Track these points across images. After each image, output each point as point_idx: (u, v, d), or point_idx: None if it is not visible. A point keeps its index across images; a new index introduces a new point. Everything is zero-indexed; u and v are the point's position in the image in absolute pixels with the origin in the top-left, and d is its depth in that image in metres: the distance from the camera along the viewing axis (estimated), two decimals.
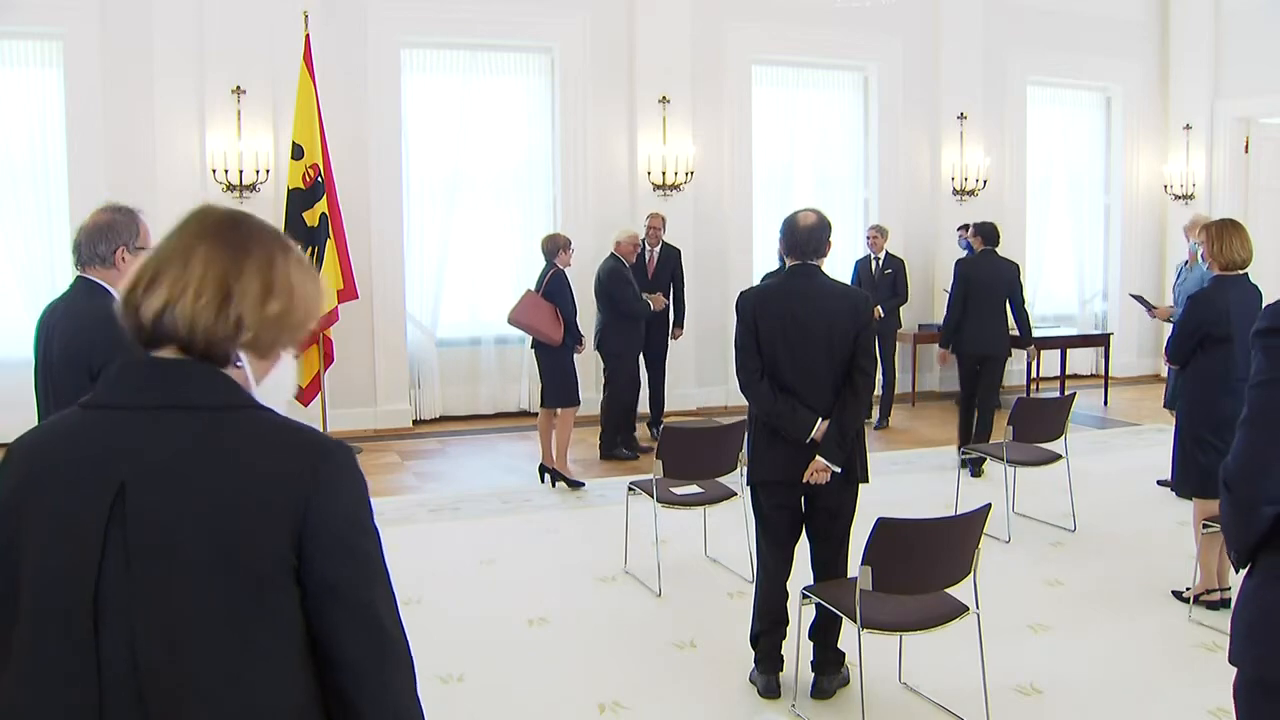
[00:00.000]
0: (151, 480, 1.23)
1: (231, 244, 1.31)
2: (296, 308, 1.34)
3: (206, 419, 1.26)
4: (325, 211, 7.66)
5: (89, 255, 2.94)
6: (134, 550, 1.22)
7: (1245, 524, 1.90)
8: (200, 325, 1.27)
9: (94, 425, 1.30)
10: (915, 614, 3.43)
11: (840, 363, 3.63)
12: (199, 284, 1.28)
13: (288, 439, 1.28)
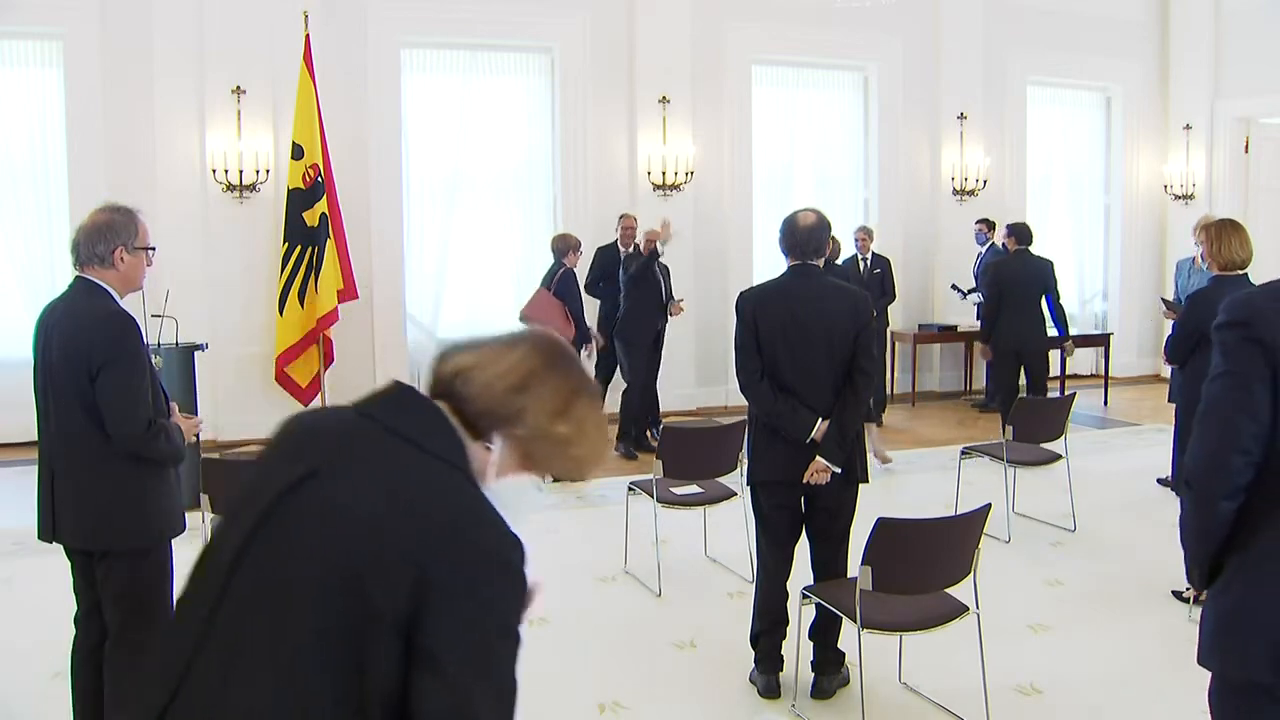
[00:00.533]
0: (332, 482, 1.30)
1: (552, 358, 1.42)
2: (580, 446, 1.42)
3: (417, 457, 1.32)
4: (325, 211, 7.66)
5: (88, 255, 2.94)
6: (273, 537, 1.30)
7: (1205, 520, 1.93)
8: (485, 395, 1.38)
9: (339, 419, 1.40)
10: (915, 614, 3.43)
11: (840, 362, 3.63)
12: (508, 367, 1.39)
13: (473, 513, 1.31)
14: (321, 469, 1.32)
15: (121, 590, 2.96)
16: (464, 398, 1.38)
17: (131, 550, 2.97)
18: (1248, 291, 2.02)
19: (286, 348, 7.73)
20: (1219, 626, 1.94)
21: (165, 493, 3.04)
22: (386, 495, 1.28)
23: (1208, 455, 1.93)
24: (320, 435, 1.39)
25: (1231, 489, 1.90)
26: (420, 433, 1.34)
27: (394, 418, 1.36)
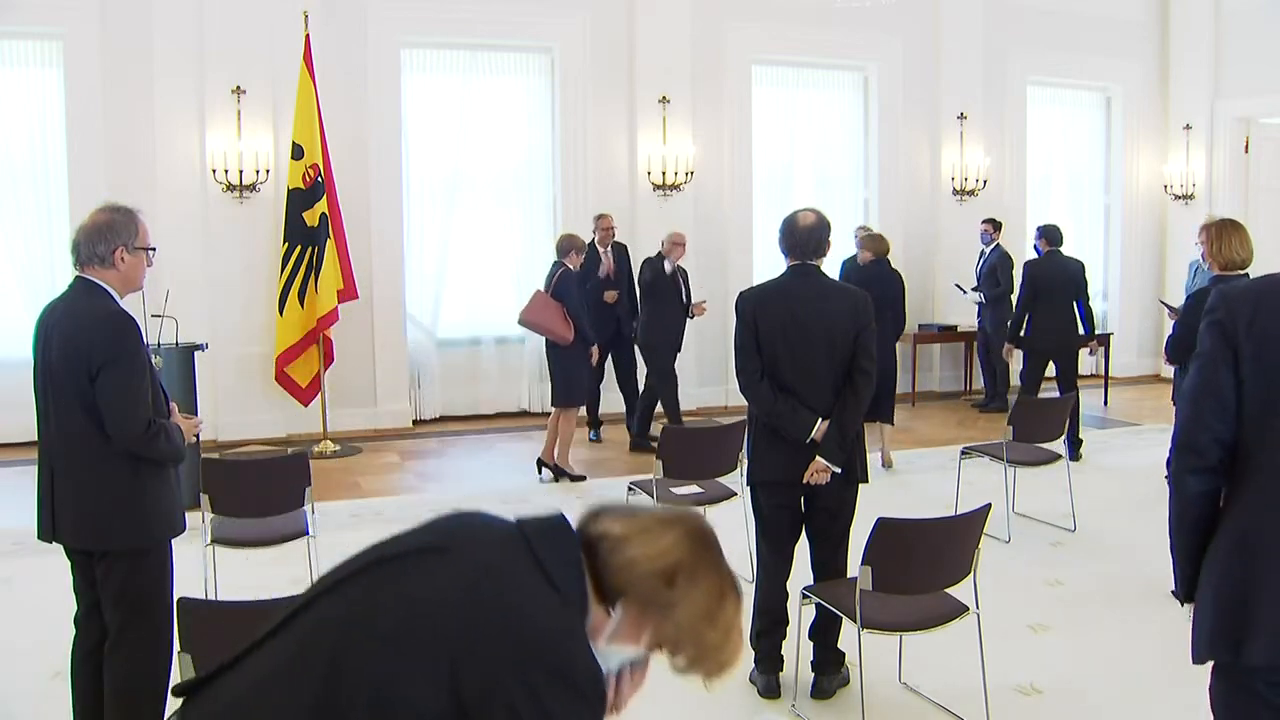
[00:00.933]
0: (456, 566, 1.36)
1: (703, 551, 1.45)
2: (724, 652, 1.48)
3: (543, 587, 1.36)
4: (325, 211, 7.67)
5: (88, 255, 2.94)
6: (372, 583, 1.38)
7: (1179, 499, 2.06)
8: (628, 571, 1.41)
9: (495, 522, 1.49)
10: (915, 614, 3.43)
11: (840, 362, 3.63)
12: (658, 551, 1.41)
13: (558, 625, 1.34)
14: (453, 550, 1.39)
15: (121, 590, 2.96)
16: (605, 563, 1.41)
17: (131, 550, 2.97)
18: (1232, 284, 2.12)
19: (286, 348, 7.73)
20: (1196, 615, 2.07)
21: (165, 493, 3.03)
22: (498, 604, 1.32)
23: (1179, 433, 2.06)
24: (471, 526, 1.46)
25: (1199, 465, 2.01)
26: (556, 567, 1.38)
27: (540, 542, 1.40)
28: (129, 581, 2.96)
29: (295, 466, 4.40)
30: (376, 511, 6.17)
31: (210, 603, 3.43)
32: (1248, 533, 1.97)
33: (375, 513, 6.14)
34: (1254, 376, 1.97)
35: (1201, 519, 2.04)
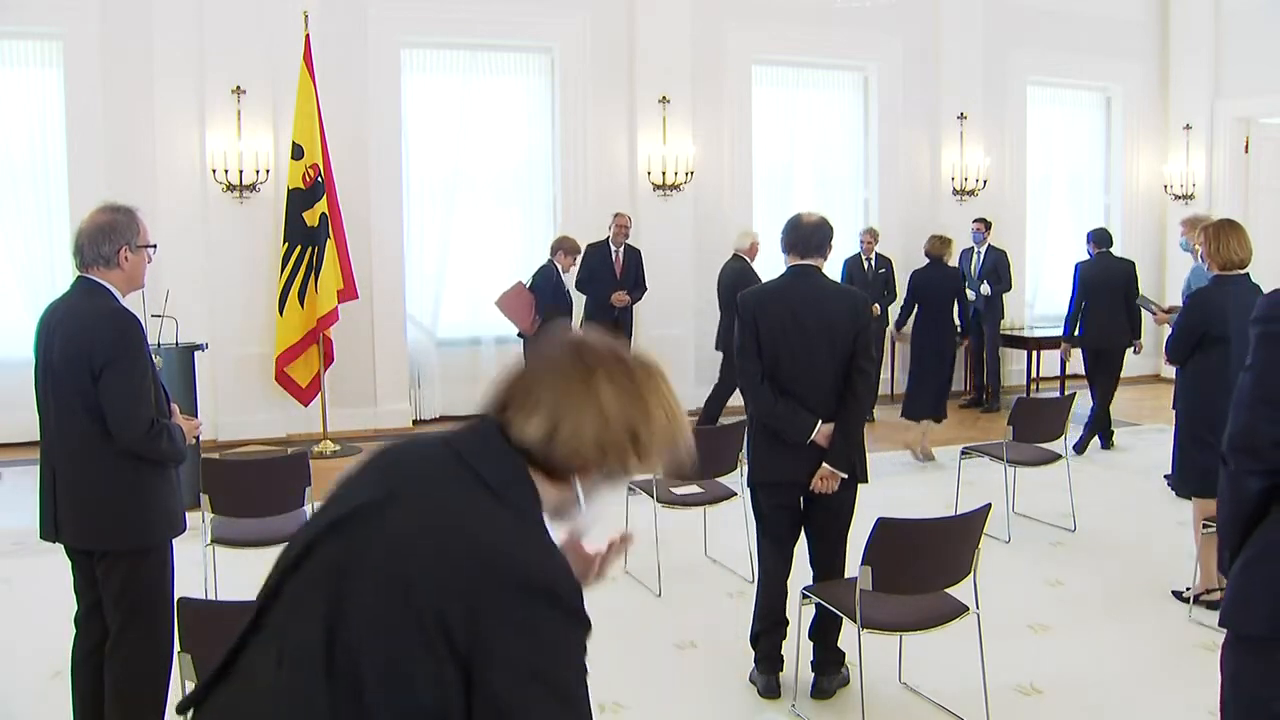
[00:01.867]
0: (408, 509, 1.33)
1: (632, 379, 1.43)
2: (678, 436, 1.53)
3: (492, 505, 1.34)
4: (325, 211, 7.67)
5: (92, 256, 2.95)
6: (337, 548, 1.34)
7: (1235, 495, 2.12)
8: (577, 457, 1.38)
9: (426, 452, 1.42)
10: (915, 614, 3.43)
11: (840, 363, 3.63)
12: (601, 425, 1.38)
13: (522, 544, 1.32)
14: (401, 495, 1.36)
15: (122, 590, 2.96)
16: (549, 460, 1.38)
17: (132, 550, 2.97)
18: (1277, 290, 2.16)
19: (286, 348, 7.73)
20: (1239, 588, 2.12)
21: (167, 493, 3.04)
22: (456, 534, 1.30)
23: (1235, 437, 2.11)
24: (405, 464, 1.42)
25: (1259, 467, 2.08)
26: (502, 486, 1.36)
27: (478, 462, 1.37)
28: (130, 581, 2.97)
29: (295, 466, 4.40)
30: None
31: (210, 603, 3.43)
32: None
33: None
34: None
35: (1257, 512, 2.12)
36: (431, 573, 1.27)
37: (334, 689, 1.27)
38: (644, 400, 1.42)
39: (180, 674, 2.62)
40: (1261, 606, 2.06)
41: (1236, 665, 2.14)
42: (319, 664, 1.28)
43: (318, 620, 1.30)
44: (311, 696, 1.27)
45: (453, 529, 1.31)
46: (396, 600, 1.26)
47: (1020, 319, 10.82)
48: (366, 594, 1.28)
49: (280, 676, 1.31)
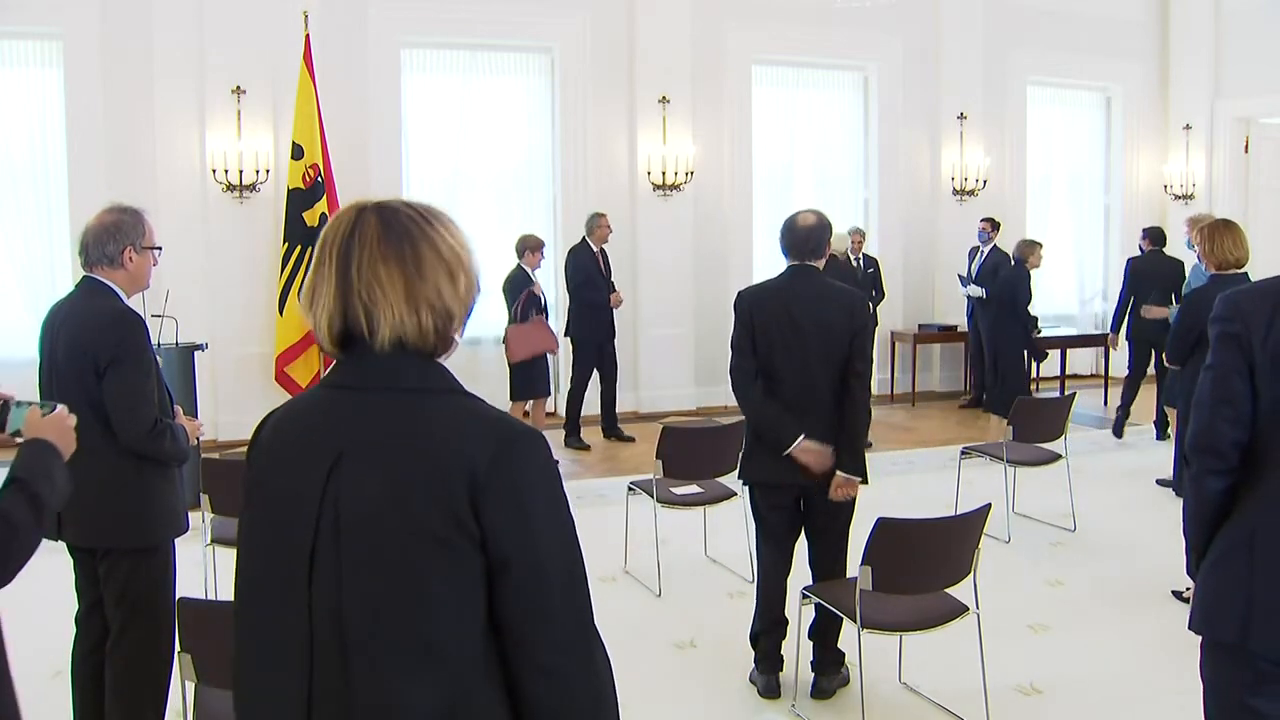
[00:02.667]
0: (361, 454, 1.35)
1: (400, 251, 1.40)
2: (463, 276, 1.46)
3: (412, 400, 1.38)
4: (325, 211, 7.68)
5: (97, 255, 2.95)
6: (344, 519, 1.34)
7: (1196, 496, 2.13)
8: (443, 335, 1.41)
9: (322, 401, 1.44)
10: (915, 614, 3.43)
11: (837, 364, 3.62)
12: (424, 308, 1.39)
13: (480, 421, 1.37)
14: (346, 448, 1.36)
15: (123, 589, 2.97)
16: (424, 349, 1.40)
17: (134, 549, 2.97)
18: (1236, 289, 2.15)
19: (286, 348, 7.73)
20: (1205, 593, 2.14)
21: (169, 492, 3.04)
22: (406, 445, 1.34)
23: (1196, 437, 2.12)
24: (323, 422, 1.41)
25: (1220, 467, 2.09)
26: (419, 384, 1.39)
27: (386, 380, 1.38)
28: (131, 581, 2.97)
29: None
30: None
31: (210, 603, 3.43)
32: (1256, 531, 2.06)
33: None
34: (1270, 384, 2.03)
35: (1219, 513, 2.12)
36: (430, 488, 1.31)
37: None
38: (447, 249, 1.43)
39: (180, 674, 2.62)
40: (1229, 612, 2.06)
41: (1213, 671, 2.15)
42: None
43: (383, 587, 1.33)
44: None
45: (423, 442, 1.34)
46: (417, 523, 1.31)
47: None
48: (395, 534, 1.32)
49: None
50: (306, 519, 1.36)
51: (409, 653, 1.31)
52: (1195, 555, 2.20)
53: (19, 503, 1.93)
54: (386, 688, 1.31)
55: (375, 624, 1.32)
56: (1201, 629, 2.14)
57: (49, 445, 2.05)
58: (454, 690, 1.31)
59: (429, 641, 1.31)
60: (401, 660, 1.31)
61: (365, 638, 1.32)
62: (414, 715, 1.31)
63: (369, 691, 1.31)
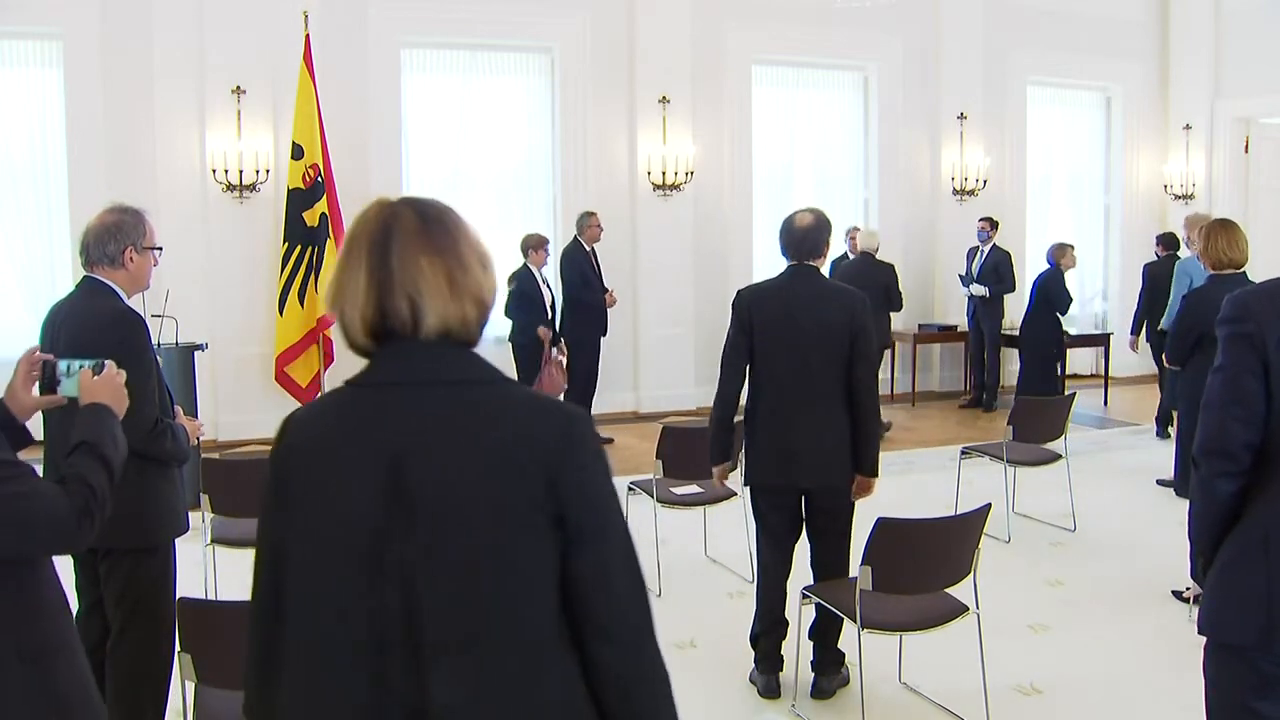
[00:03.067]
0: (427, 451, 1.35)
1: (438, 247, 1.46)
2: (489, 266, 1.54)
3: (468, 391, 1.40)
4: (325, 211, 7.67)
5: (98, 255, 2.95)
6: (419, 516, 1.34)
7: (1206, 500, 2.12)
8: (479, 325, 1.44)
9: (362, 401, 1.42)
10: (915, 614, 3.43)
11: (836, 364, 3.62)
12: (470, 289, 1.43)
13: (539, 405, 1.42)
14: (408, 445, 1.35)
15: (124, 589, 2.97)
16: (465, 339, 1.42)
17: (135, 549, 2.97)
18: (1245, 289, 2.14)
19: (286, 348, 7.73)
20: (1214, 596, 2.11)
21: (170, 492, 3.04)
22: (492, 432, 1.36)
23: (1207, 440, 2.11)
24: (373, 422, 1.39)
25: (1232, 470, 2.07)
26: (466, 375, 1.41)
27: (434, 373, 1.40)
28: (132, 580, 2.97)
29: None
30: None
31: (210, 603, 3.43)
32: (1270, 534, 2.04)
33: None
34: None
35: (1229, 517, 2.11)
36: (501, 478, 1.35)
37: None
38: (469, 243, 1.48)
39: (180, 674, 2.62)
40: (1243, 614, 2.04)
41: (1219, 672, 2.13)
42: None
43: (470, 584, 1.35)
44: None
45: (484, 433, 1.37)
46: (494, 509, 1.34)
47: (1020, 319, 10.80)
48: (478, 523, 1.34)
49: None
50: (365, 520, 1.34)
51: (496, 638, 1.33)
52: (1202, 559, 2.18)
53: (94, 466, 1.99)
54: (467, 680, 1.32)
55: (461, 615, 1.33)
56: (1214, 632, 2.12)
57: (106, 409, 2.13)
58: (538, 669, 1.35)
59: (517, 624, 1.34)
60: (487, 647, 1.33)
61: (447, 632, 1.32)
62: (498, 700, 1.33)
63: (448, 687, 1.32)
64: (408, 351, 1.40)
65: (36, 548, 1.90)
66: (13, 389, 2.20)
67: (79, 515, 1.89)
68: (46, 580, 1.95)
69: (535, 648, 1.35)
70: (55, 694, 1.89)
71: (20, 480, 1.84)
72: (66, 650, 1.95)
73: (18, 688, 1.84)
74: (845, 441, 3.66)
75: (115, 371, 2.21)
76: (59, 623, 1.96)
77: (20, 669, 1.85)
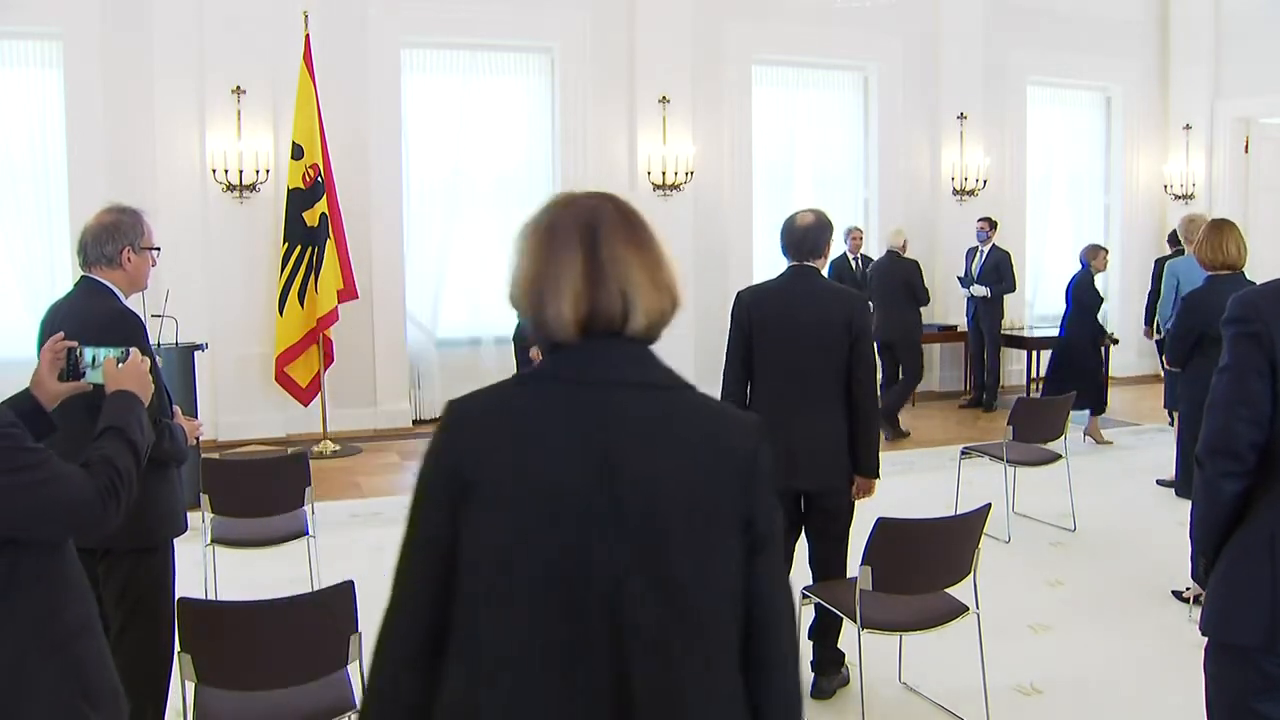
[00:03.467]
0: (632, 449, 1.35)
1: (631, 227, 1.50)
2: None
3: (668, 396, 1.42)
4: (325, 211, 7.67)
5: (95, 255, 2.95)
6: (629, 516, 1.33)
7: (1209, 500, 2.12)
8: (666, 323, 1.46)
9: (565, 396, 1.39)
10: (915, 614, 3.43)
11: (835, 365, 3.61)
12: (663, 282, 1.45)
13: (730, 412, 1.48)
14: (620, 443, 1.35)
15: (123, 589, 2.96)
16: (656, 335, 1.44)
17: (133, 549, 2.97)
18: (1252, 289, 2.14)
19: (286, 348, 7.73)
20: (1217, 597, 2.11)
21: (168, 492, 3.04)
22: (698, 436, 1.40)
23: (1212, 439, 2.10)
24: (582, 419, 1.37)
25: (1237, 470, 2.07)
26: (669, 380, 1.43)
27: (637, 374, 1.41)
28: (131, 581, 2.97)
29: (295, 466, 4.40)
30: (376, 511, 6.17)
31: (210, 603, 3.43)
32: (1276, 535, 2.04)
33: (375, 513, 6.15)
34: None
35: (1233, 517, 2.10)
36: (712, 480, 1.38)
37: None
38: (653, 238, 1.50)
39: (180, 674, 2.62)
40: (1248, 615, 2.03)
41: (1221, 672, 2.13)
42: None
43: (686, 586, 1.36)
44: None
45: (684, 435, 1.40)
46: (704, 512, 1.37)
47: (1020, 319, 10.82)
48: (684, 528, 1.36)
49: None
50: (581, 519, 1.33)
51: (704, 640, 1.35)
52: (1204, 560, 2.18)
53: (120, 449, 2.07)
54: (679, 678, 1.33)
55: (667, 615, 1.33)
56: (1218, 632, 2.11)
57: (132, 395, 2.21)
58: (728, 671, 1.37)
59: (721, 625, 1.37)
60: (688, 647, 1.34)
61: (653, 630, 1.33)
62: (705, 698, 1.34)
63: (650, 683, 1.32)
64: (616, 349, 1.40)
65: (63, 531, 1.95)
66: (38, 377, 2.27)
67: (103, 495, 1.94)
68: (69, 562, 2.00)
69: (728, 649, 1.38)
70: (83, 678, 1.94)
71: (42, 467, 1.88)
72: (89, 632, 2.00)
73: (47, 676, 1.89)
74: (844, 442, 3.66)
75: (140, 359, 2.29)
76: (83, 605, 2.02)
77: (48, 656, 1.90)
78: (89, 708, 1.94)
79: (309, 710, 2.69)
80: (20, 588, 1.88)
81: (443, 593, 1.36)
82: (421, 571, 1.38)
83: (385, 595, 1.42)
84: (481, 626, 1.34)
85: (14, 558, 1.87)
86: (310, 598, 2.79)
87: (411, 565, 1.39)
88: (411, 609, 1.39)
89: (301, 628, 2.65)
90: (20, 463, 1.85)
